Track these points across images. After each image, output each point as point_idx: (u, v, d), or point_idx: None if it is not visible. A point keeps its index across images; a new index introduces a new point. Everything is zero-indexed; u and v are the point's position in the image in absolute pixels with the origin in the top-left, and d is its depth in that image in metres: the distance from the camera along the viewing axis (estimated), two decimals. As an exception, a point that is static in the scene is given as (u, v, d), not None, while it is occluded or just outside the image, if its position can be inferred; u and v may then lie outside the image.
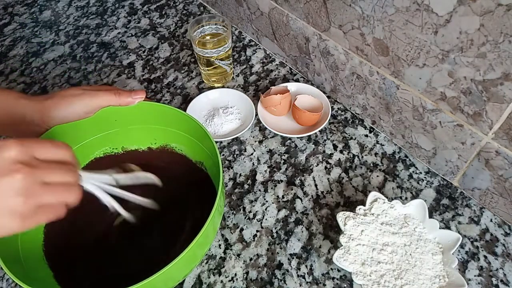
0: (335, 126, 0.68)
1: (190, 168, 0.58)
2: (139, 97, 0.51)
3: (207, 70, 0.72)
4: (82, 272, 0.50)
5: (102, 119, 0.52)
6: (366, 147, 0.65)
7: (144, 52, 0.83)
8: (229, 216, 0.58)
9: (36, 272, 0.45)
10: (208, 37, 0.71)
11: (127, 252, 0.52)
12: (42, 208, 0.34)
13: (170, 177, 0.59)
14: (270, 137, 0.67)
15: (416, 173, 0.62)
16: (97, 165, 0.58)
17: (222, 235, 0.56)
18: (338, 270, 0.52)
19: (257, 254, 0.54)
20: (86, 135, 0.55)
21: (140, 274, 0.37)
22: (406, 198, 0.59)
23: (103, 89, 0.50)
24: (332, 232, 0.56)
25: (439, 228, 0.51)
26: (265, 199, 0.60)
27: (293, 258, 0.54)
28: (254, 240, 0.55)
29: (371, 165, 0.63)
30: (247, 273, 0.53)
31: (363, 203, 0.53)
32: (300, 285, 0.51)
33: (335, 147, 0.66)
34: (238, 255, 0.54)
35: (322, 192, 0.60)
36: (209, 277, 0.52)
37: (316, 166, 0.63)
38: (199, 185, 0.57)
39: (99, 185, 0.43)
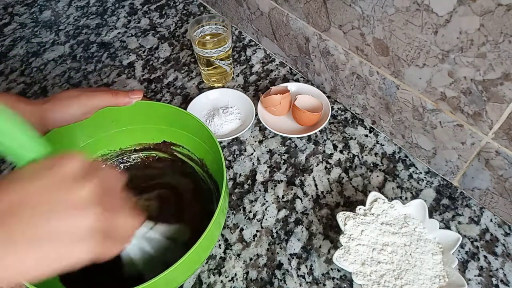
0: (335, 126, 0.68)
1: (191, 168, 0.58)
2: (136, 97, 0.50)
3: (207, 70, 0.72)
4: (87, 274, 0.49)
5: (99, 121, 0.51)
6: (366, 147, 0.65)
7: (144, 52, 0.83)
8: (229, 216, 0.58)
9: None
10: (208, 37, 0.71)
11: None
12: (111, 236, 0.31)
13: (170, 177, 0.59)
14: (270, 137, 0.67)
15: (416, 173, 0.62)
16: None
17: (222, 235, 0.56)
18: (338, 270, 0.52)
19: (257, 254, 0.54)
20: (83, 137, 0.54)
21: (145, 276, 0.37)
22: (406, 198, 0.59)
23: (100, 90, 0.50)
24: (332, 232, 0.56)
25: (439, 228, 0.51)
26: (265, 199, 0.60)
27: (293, 258, 0.54)
28: (254, 240, 0.55)
29: (371, 165, 0.63)
30: (247, 273, 0.53)
31: (363, 203, 0.53)
32: (300, 285, 0.51)
33: (335, 147, 0.66)
34: (238, 255, 0.54)
35: (322, 192, 0.60)
36: (209, 277, 0.52)
37: (316, 166, 0.63)
38: (200, 184, 0.57)
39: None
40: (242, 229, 0.57)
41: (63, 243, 0.28)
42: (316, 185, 0.61)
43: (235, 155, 0.65)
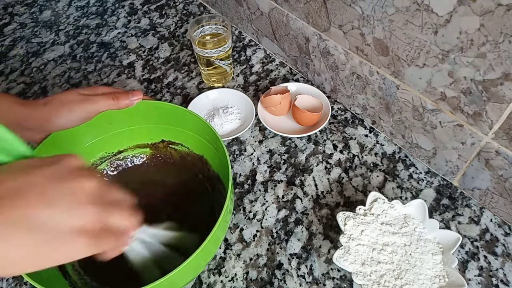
0: (335, 126, 0.68)
1: (190, 166, 0.58)
2: (136, 98, 0.50)
3: (207, 70, 0.72)
4: (95, 281, 0.49)
5: (97, 123, 0.50)
6: (366, 147, 0.65)
7: (144, 52, 0.83)
8: (229, 216, 0.58)
9: (52, 283, 0.44)
10: (208, 37, 0.71)
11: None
12: (108, 232, 0.31)
13: (169, 177, 0.59)
14: (270, 137, 0.67)
15: (416, 173, 0.62)
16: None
17: (222, 235, 0.56)
18: (338, 270, 0.52)
19: (257, 254, 0.54)
20: (82, 141, 0.54)
21: (148, 277, 0.37)
22: (406, 198, 0.59)
23: (99, 92, 0.48)
24: (332, 232, 0.56)
25: (439, 228, 0.51)
26: (265, 199, 0.60)
27: (293, 258, 0.54)
28: (254, 240, 0.55)
29: (371, 165, 0.63)
30: (247, 273, 0.53)
31: (363, 203, 0.53)
32: (300, 285, 0.51)
33: (335, 147, 0.66)
34: (238, 255, 0.54)
35: (322, 192, 0.60)
36: (209, 277, 0.52)
37: (316, 166, 0.63)
38: (202, 184, 0.57)
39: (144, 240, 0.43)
40: (242, 229, 0.57)
41: (58, 236, 0.28)
42: (316, 185, 0.61)
43: (235, 155, 0.65)
